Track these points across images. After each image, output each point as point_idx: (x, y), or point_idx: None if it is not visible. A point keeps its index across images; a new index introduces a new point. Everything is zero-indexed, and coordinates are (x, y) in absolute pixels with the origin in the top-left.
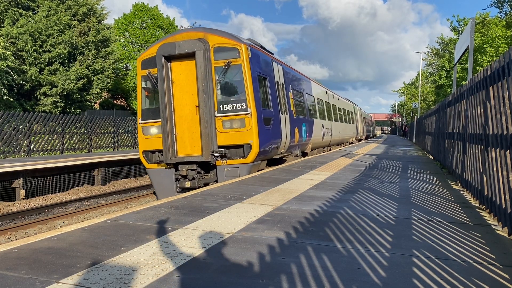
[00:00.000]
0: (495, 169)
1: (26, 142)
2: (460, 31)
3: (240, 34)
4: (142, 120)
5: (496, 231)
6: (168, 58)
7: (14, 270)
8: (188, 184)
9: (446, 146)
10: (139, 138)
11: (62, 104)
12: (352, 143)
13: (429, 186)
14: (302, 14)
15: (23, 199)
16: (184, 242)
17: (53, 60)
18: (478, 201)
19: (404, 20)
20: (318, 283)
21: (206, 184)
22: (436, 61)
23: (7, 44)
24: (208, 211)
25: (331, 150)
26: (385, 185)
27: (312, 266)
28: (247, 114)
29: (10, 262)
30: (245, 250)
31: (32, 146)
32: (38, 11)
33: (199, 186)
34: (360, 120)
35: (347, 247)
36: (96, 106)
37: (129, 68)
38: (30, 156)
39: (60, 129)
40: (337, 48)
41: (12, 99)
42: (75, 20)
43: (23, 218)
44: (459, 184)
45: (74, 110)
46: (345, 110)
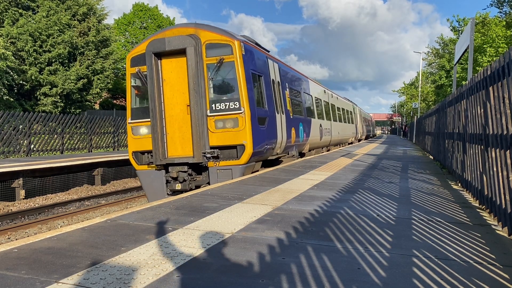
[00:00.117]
0: (495, 169)
1: (26, 142)
2: (460, 31)
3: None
4: (131, 119)
5: (496, 231)
6: (158, 55)
7: (14, 270)
8: (178, 186)
9: (446, 146)
10: (128, 138)
11: (62, 104)
12: (352, 143)
13: (429, 186)
14: (302, 14)
15: (23, 199)
16: (184, 242)
17: (53, 60)
18: (478, 201)
19: (404, 20)
20: (318, 283)
21: (197, 187)
22: (436, 61)
23: (7, 44)
24: (208, 211)
25: (329, 150)
26: (385, 185)
27: (312, 266)
28: (241, 113)
29: (10, 262)
30: (245, 250)
31: (32, 146)
32: (38, 11)
33: (190, 189)
34: (359, 120)
35: (347, 247)
36: (96, 106)
37: None
38: (30, 156)
39: (60, 129)
40: (337, 48)
41: (12, 99)
42: (75, 20)
43: (23, 218)
44: (459, 184)
45: (74, 110)
46: (344, 109)
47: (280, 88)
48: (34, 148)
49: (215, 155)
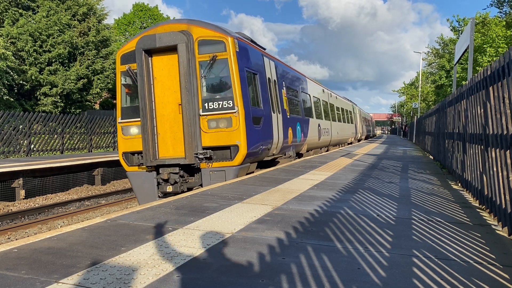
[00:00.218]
0: (495, 169)
1: (26, 142)
2: (460, 31)
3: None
4: (121, 119)
5: (496, 231)
6: (149, 52)
7: (14, 270)
8: (169, 188)
9: (446, 146)
10: (118, 138)
11: (62, 104)
12: (351, 143)
13: (429, 186)
14: (302, 14)
15: (23, 199)
16: (184, 242)
17: (53, 60)
18: (478, 201)
19: (404, 20)
20: (318, 283)
21: (190, 189)
22: (436, 61)
23: (7, 44)
24: (208, 211)
25: (328, 151)
26: (385, 185)
27: (312, 266)
28: (234, 112)
29: (10, 262)
30: (245, 250)
31: (32, 146)
32: (38, 11)
33: (182, 191)
34: (359, 120)
35: (347, 247)
36: (96, 106)
37: None
38: (30, 156)
39: (60, 129)
40: (337, 48)
41: (12, 99)
42: (75, 20)
43: (23, 218)
44: (459, 184)
45: (74, 110)
46: (343, 109)
47: (276, 87)
48: (34, 148)
49: (208, 156)
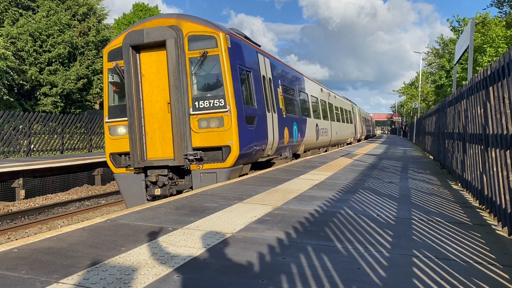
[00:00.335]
0: (495, 169)
1: (26, 142)
2: (460, 31)
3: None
4: (108, 118)
5: (496, 231)
6: (136, 48)
7: (14, 270)
8: (158, 191)
9: (446, 146)
10: (105, 139)
11: (62, 104)
12: (351, 143)
13: (429, 186)
14: (302, 14)
15: (23, 199)
16: (184, 242)
17: (53, 60)
18: (478, 201)
19: (404, 20)
20: (318, 283)
21: (179, 192)
22: (436, 61)
23: (7, 44)
24: (208, 211)
25: (327, 151)
26: (385, 185)
27: (312, 266)
28: (226, 111)
29: (10, 262)
30: (245, 250)
31: (32, 146)
32: (38, 11)
33: (171, 194)
34: (359, 119)
35: (347, 247)
36: (96, 106)
37: None
38: (30, 156)
39: (60, 129)
40: (337, 48)
41: (12, 99)
42: (75, 20)
43: (23, 218)
44: (459, 184)
45: (74, 110)
46: (342, 109)
47: (271, 85)
48: (34, 148)
49: (198, 157)
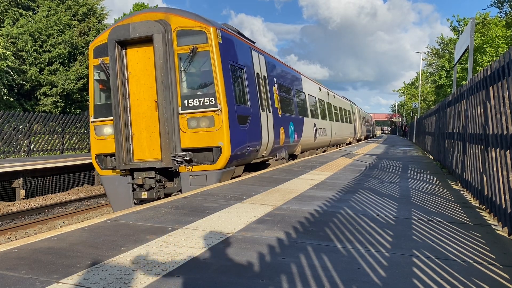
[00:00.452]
0: (495, 169)
1: (26, 142)
2: (460, 31)
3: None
4: (94, 118)
5: (496, 231)
6: (123, 44)
7: (14, 270)
8: (144, 195)
9: (446, 146)
10: (91, 139)
11: (62, 104)
12: (350, 143)
13: (429, 186)
14: (302, 14)
15: (23, 199)
16: (184, 242)
17: (53, 60)
18: (478, 201)
19: (404, 20)
20: (318, 283)
21: (168, 195)
22: (436, 61)
23: (7, 44)
24: (208, 211)
25: (326, 151)
26: (385, 185)
27: (312, 266)
28: (217, 110)
29: (10, 262)
30: (245, 250)
31: (32, 146)
32: (38, 11)
33: (159, 198)
34: (358, 119)
35: (347, 247)
36: None
37: None
38: (30, 156)
39: (60, 129)
40: (337, 48)
41: (12, 99)
42: (75, 20)
43: (23, 218)
44: (459, 184)
45: (74, 110)
46: (342, 108)
47: (266, 84)
48: (34, 148)
49: (188, 158)
